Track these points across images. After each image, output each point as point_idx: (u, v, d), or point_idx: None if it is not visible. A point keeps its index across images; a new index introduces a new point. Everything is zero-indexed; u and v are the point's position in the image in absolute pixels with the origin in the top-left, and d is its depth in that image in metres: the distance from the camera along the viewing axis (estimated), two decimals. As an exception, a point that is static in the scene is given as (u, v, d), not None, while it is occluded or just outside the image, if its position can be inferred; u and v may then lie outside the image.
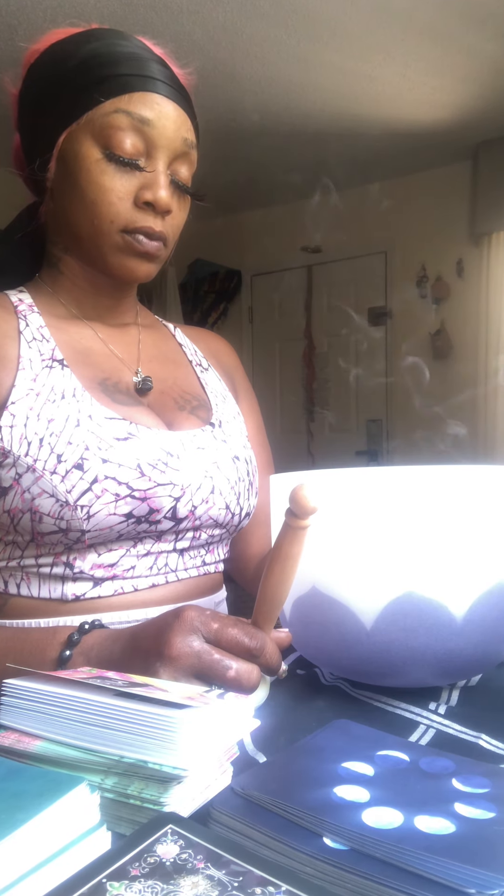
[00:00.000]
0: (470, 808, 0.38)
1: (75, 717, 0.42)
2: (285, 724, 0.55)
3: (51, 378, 0.73)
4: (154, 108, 0.72)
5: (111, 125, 0.71)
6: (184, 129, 0.75)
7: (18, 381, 0.72)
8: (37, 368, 0.74)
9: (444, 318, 4.33)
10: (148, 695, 0.42)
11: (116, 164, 0.72)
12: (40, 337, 0.76)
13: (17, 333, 0.75)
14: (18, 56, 0.78)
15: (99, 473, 0.69)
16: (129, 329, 0.86)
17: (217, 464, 0.79)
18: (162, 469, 0.73)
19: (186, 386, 0.85)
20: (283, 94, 3.38)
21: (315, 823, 0.37)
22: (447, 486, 0.56)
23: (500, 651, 0.60)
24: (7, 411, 0.70)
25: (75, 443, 0.69)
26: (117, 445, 0.71)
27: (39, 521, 0.68)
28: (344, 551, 0.57)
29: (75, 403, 0.72)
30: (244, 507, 0.82)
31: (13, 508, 0.69)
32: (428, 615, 0.55)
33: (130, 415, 0.75)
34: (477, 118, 3.66)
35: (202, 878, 0.32)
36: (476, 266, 4.15)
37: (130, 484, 0.70)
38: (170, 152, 0.74)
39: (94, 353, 0.80)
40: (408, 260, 4.43)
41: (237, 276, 5.05)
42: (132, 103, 0.71)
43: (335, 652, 0.60)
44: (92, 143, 0.72)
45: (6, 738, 0.43)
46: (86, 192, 0.73)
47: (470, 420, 4.12)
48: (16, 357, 0.74)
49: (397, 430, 4.48)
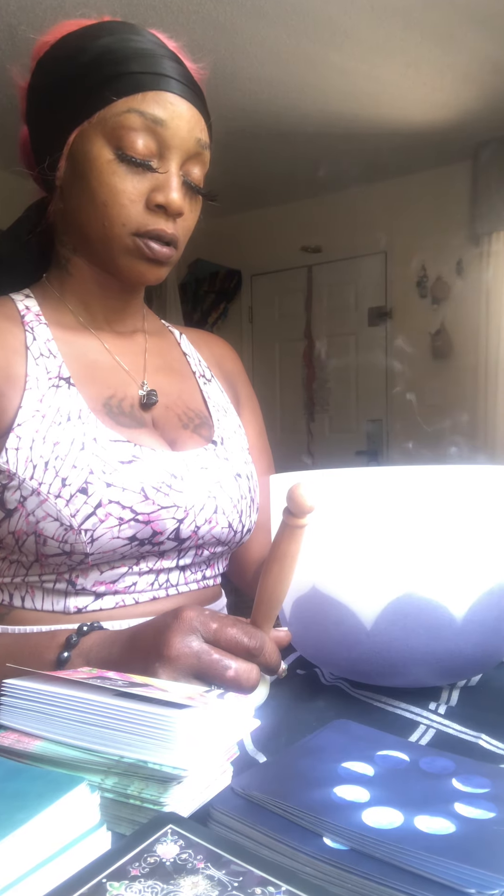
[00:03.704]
0: (470, 808, 0.38)
1: (75, 717, 0.42)
2: (285, 724, 0.55)
3: (57, 398, 0.73)
4: (167, 107, 0.70)
5: (123, 125, 0.70)
6: (197, 129, 0.73)
7: (25, 401, 0.71)
8: (43, 388, 0.73)
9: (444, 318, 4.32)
10: (148, 695, 0.42)
11: (128, 164, 0.71)
12: (47, 353, 0.75)
13: (25, 349, 0.75)
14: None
15: (103, 497, 0.68)
16: (135, 338, 0.85)
17: (220, 483, 0.78)
18: (166, 492, 0.73)
19: (190, 401, 0.85)
20: (283, 94, 3.38)
21: (315, 823, 0.37)
22: (447, 486, 0.56)
23: (500, 651, 0.60)
24: (13, 433, 0.70)
25: (80, 466, 0.69)
26: (121, 469, 0.71)
27: (44, 544, 0.68)
28: (344, 551, 0.57)
29: (80, 426, 0.72)
30: (246, 524, 0.82)
31: (18, 530, 0.69)
32: (428, 615, 0.55)
33: (134, 436, 0.75)
34: (477, 118, 3.66)
35: (202, 878, 0.31)
36: (476, 266, 4.15)
37: (134, 508, 0.70)
38: (183, 153, 0.73)
39: (101, 367, 0.79)
40: (408, 260, 4.43)
41: (237, 276, 5.04)
42: (145, 103, 0.70)
43: (335, 652, 0.60)
44: (103, 143, 0.71)
45: (6, 738, 0.43)
46: (97, 194, 0.71)
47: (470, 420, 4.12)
48: (23, 375, 0.73)
49: (397, 430, 4.47)
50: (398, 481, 0.58)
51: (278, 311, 4.96)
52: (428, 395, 4.36)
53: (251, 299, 5.08)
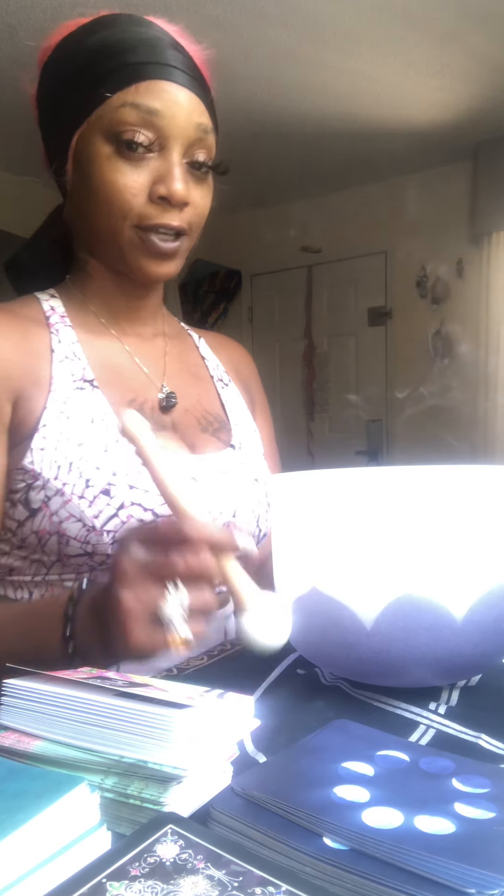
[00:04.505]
0: (470, 808, 0.38)
1: (75, 717, 0.42)
2: (285, 724, 0.55)
3: (81, 400, 0.73)
4: (163, 96, 0.69)
5: (119, 120, 0.69)
6: (196, 115, 0.72)
7: (50, 402, 0.72)
8: (68, 390, 0.73)
9: (444, 318, 4.33)
10: (147, 695, 0.42)
11: (127, 159, 0.70)
12: (72, 355, 0.76)
13: (50, 351, 0.75)
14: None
15: (125, 499, 0.69)
16: (155, 341, 0.85)
17: (239, 487, 0.78)
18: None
19: (208, 405, 0.85)
20: (283, 94, 3.38)
21: (315, 823, 0.37)
22: (447, 486, 0.56)
23: (501, 651, 0.60)
24: (39, 433, 0.70)
25: (103, 468, 0.69)
26: (144, 471, 0.70)
27: (66, 545, 0.69)
28: (344, 551, 0.57)
29: (104, 428, 0.72)
30: (262, 528, 0.82)
31: (41, 530, 0.69)
32: (428, 615, 0.55)
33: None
34: (477, 118, 3.66)
35: (202, 878, 0.31)
36: (476, 266, 4.15)
37: (156, 510, 0.70)
38: (183, 140, 0.71)
39: (123, 370, 0.79)
40: (408, 260, 4.43)
41: (237, 276, 5.04)
42: (139, 94, 0.69)
43: (335, 652, 0.60)
44: (103, 141, 0.70)
45: (6, 738, 0.43)
46: (99, 192, 0.71)
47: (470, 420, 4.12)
48: (48, 378, 0.73)
49: (397, 430, 4.47)
50: (398, 481, 0.58)
51: (278, 311, 4.96)
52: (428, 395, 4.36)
53: (251, 299, 5.08)
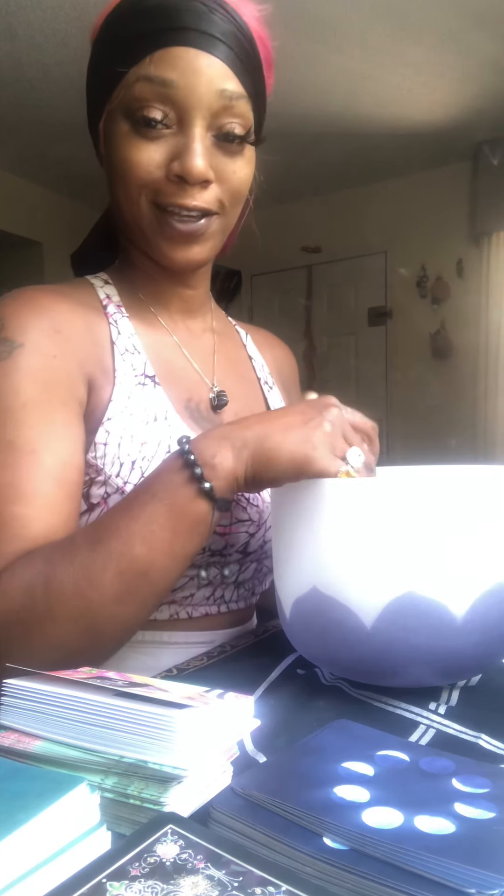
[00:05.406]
0: (470, 808, 0.38)
1: (75, 717, 0.42)
2: (285, 724, 0.55)
3: (143, 397, 0.71)
4: (177, 65, 0.63)
5: (134, 97, 0.65)
6: (219, 80, 0.65)
7: (115, 395, 0.70)
8: (130, 384, 0.71)
9: (444, 318, 4.33)
10: (147, 695, 0.42)
11: (144, 136, 0.66)
12: (132, 348, 0.74)
13: (111, 343, 0.72)
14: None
15: None
16: (204, 336, 0.84)
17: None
18: (244, 505, 0.72)
19: (255, 407, 0.84)
20: (283, 94, 3.38)
21: (315, 823, 0.37)
22: (447, 486, 0.56)
23: (501, 651, 0.60)
24: (103, 427, 0.68)
25: None
26: None
27: None
28: (344, 551, 0.57)
29: (167, 427, 0.71)
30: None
31: None
32: (428, 615, 0.55)
33: None
34: (477, 118, 3.66)
35: (202, 878, 0.31)
36: (476, 266, 4.16)
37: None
38: (205, 111, 0.65)
39: (178, 367, 0.78)
40: (408, 260, 4.43)
41: (237, 276, 5.04)
42: (152, 66, 0.64)
43: (335, 652, 0.60)
44: (123, 120, 0.67)
45: (6, 738, 0.43)
46: (117, 170, 0.68)
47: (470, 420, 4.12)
48: (111, 369, 0.71)
49: (397, 430, 4.47)
50: (398, 481, 0.58)
51: (278, 311, 4.96)
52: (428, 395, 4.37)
53: (251, 299, 5.08)
